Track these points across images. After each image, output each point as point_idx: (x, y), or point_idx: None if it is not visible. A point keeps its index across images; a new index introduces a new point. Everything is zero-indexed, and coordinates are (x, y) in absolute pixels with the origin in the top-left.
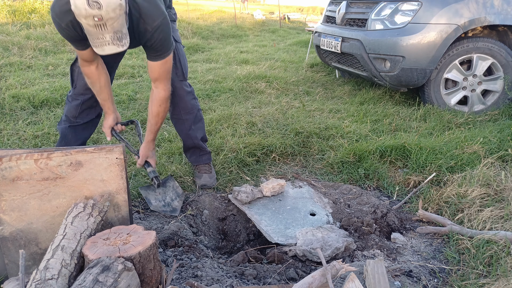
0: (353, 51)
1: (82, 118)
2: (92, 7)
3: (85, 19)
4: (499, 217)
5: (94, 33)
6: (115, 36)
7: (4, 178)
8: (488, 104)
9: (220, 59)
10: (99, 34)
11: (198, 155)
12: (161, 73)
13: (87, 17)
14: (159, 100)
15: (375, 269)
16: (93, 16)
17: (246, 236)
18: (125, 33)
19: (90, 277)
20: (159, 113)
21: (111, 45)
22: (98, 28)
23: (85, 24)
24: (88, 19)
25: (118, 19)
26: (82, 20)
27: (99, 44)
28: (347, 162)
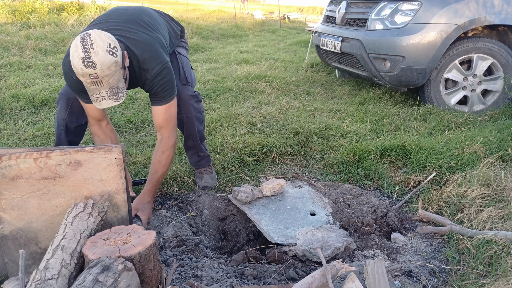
0: (353, 51)
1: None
2: (87, 67)
3: (83, 77)
4: (499, 217)
5: (91, 89)
6: (111, 91)
7: (4, 177)
8: (488, 104)
9: (220, 59)
10: (96, 90)
11: (198, 159)
12: (165, 119)
13: (84, 75)
14: (163, 147)
15: (375, 269)
16: (89, 75)
17: (246, 236)
18: (121, 88)
19: (90, 277)
20: (160, 160)
21: (108, 100)
22: (94, 85)
23: (83, 82)
24: (85, 77)
25: (114, 75)
26: (80, 78)
27: (97, 99)
28: (347, 162)
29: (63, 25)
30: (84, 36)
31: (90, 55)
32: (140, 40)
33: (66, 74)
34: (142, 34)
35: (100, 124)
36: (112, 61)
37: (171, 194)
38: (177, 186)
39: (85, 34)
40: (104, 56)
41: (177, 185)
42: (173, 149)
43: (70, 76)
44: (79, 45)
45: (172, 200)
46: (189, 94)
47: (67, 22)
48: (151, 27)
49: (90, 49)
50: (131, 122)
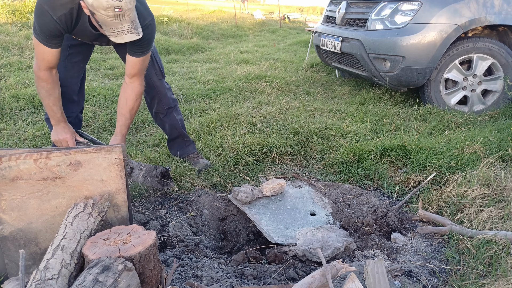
0: (353, 51)
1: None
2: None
3: (105, 10)
4: (499, 217)
5: (112, 23)
6: (132, 25)
7: (4, 178)
8: (488, 104)
9: (220, 59)
10: (118, 24)
11: (184, 146)
12: (140, 68)
13: (107, 8)
14: (136, 95)
15: (375, 269)
16: (114, 7)
17: (246, 236)
18: (138, 23)
19: (90, 277)
20: (134, 107)
21: (130, 33)
22: (117, 18)
23: (102, 15)
24: (108, 10)
25: (133, 10)
26: (100, 12)
27: (118, 33)
28: (347, 162)
29: None
30: None
31: None
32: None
33: (44, 12)
34: None
35: (51, 71)
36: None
37: (171, 194)
38: (177, 186)
39: None
40: None
41: (177, 185)
42: (142, 96)
43: (49, 15)
44: None
45: (172, 200)
46: (166, 87)
47: None
48: None
49: None
50: None
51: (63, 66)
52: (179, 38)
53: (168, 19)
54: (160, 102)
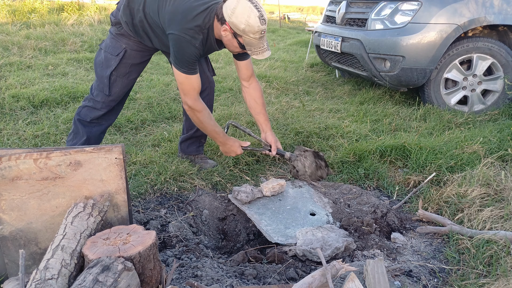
0: (353, 51)
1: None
2: (262, 24)
3: (253, 34)
4: (499, 217)
5: (257, 44)
6: (267, 43)
7: (4, 178)
8: (488, 104)
9: (220, 59)
10: (261, 44)
11: (196, 145)
12: (252, 68)
13: (257, 32)
14: (260, 92)
15: (375, 269)
16: (261, 31)
17: (246, 236)
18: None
19: (90, 277)
20: (263, 103)
21: (268, 50)
22: (261, 39)
23: (249, 38)
24: (256, 34)
25: None
26: (249, 35)
27: (261, 52)
28: (347, 162)
29: (63, 25)
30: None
31: (262, 13)
32: None
33: (188, 43)
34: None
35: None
36: None
37: (171, 194)
38: (177, 186)
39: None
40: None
41: (177, 185)
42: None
43: (193, 44)
44: (252, 6)
45: (172, 200)
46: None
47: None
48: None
49: (261, 8)
50: (131, 122)
51: (121, 83)
52: None
53: None
54: (207, 97)
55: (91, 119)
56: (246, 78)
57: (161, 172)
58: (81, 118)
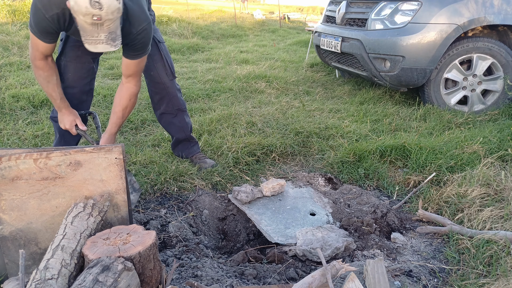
0: (353, 51)
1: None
2: (93, 7)
3: (83, 16)
4: (499, 217)
5: (89, 31)
6: (109, 36)
7: (4, 178)
8: (488, 104)
9: (220, 59)
10: (94, 32)
11: (189, 147)
12: (136, 70)
13: (86, 14)
14: (130, 94)
15: (375, 269)
16: (92, 15)
17: (246, 236)
18: (118, 35)
19: (90, 277)
20: (127, 106)
21: (105, 44)
22: (94, 26)
23: (81, 21)
24: (86, 17)
25: (115, 21)
26: (79, 17)
27: (93, 42)
28: (347, 162)
29: None
30: None
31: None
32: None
33: (38, 10)
34: None
35: (46, 59)
36: (117, 7)
37: (171, 194)
38: (177, 186)
39: None
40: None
41: (177, 185)
42: (137, 96)
43: (42, 13)
44: None
45: (172, 200)
46: (176, 88)
47: None
48: None
49: None
50: (131, 122)
51: (73, 67)
52: (179, 38)
53: (168, 19)
54: (169, 103)
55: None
56: (125, 75)
57: (161, 172)
58: (52, 115)
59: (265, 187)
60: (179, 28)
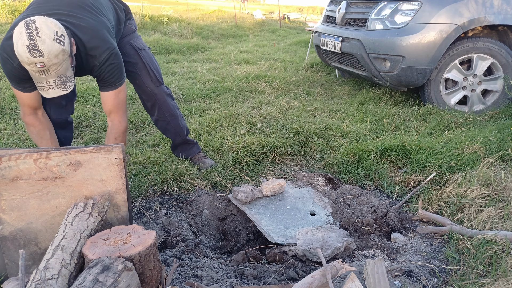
0: (353, 51)
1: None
2: (33, 55)
3: (29, 65)
4: (499, 217)
5: (38, 78)
6: (59, 80)
7: (4, 178)
8: (488, 104)
9: (220, 59)
10: (43, 79)
11: (188, 149)
12: (115, 104)
13: (30, 64)
14: (114, 134)
15: (375, 269)
16: (35, 63)
17: (246, 236)
18: (69, 76)
19: (90, 277)
20: None
21: (55, 88)
22: (41, 73)
23: (29, 70)
24: (31, 65)
25: (62, 64)
26: (26, 66)
27: (44, 88)
28: (347, 162)
29: None
30: (28, 23)
31: (36, 43)
32: (86, 26)
33: (5, 60)
34: (87, 19)
35: (36, 114)
36: (60, 49)
37: (171, 194)
38: (177, 186)
39: (30, 21)
40: (51, 44)
41: (177, 185)
42: (125, 134)
43: (10, 63)
44: (24, 32)
45: (172, 200)
46: (165, 93)
47: None
48: (95, 11)
49: (36, 37)
50: (131, 122)
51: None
52: (179, 38)
53: (168, 19)
54: (160, 109)
55: None
56: (107, 113)
57: (161, 172)
58: None
59: (265, 187)
60: (179, 28)
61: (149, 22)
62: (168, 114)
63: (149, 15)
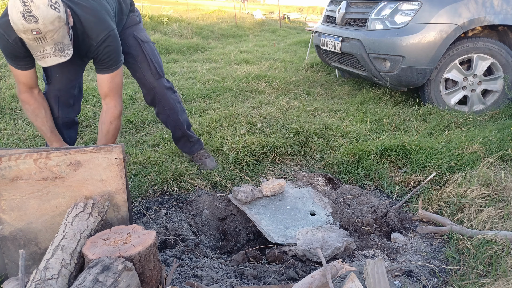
0: (353, 51)
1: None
2: (28, 21)
3: (24, 33)
4: (499, 217)
5: (35, 47)
6: (56, 47)
7: (4, 178)
8: (488, 104)
9: (220, 59)
10: (40, 47)
11: (190, 146)
12: (111, 88)
13: (25, 31)
14: (110, 117)
15: (375, 269)
16: (31, 30)
17: (246, 236)
18: (67, 44)
19: (90, 277)
20: (109, 131)
21: (53, 56)
22: (38, 41)
23: (25, 39)
24: (27, 33)
25: (59, 31)
26: (22, 35)
27: (41, 57)
28: (347, 162)
29: None
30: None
31: (30, 9)
32: (85, 5)
33: (1, 36)
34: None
35: (32, 92)
36: (55, 15)
37: (171, 194)
38: (177, 186)
39: None
40: (46, 10)
41: (177, 185)
42: (119, 119)
43: (6, 38)
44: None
45: (172, 200)
46: (165, 86)
47: None
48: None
49: (30, 2)
50: (131, 122)
51: (59, 69)
52: (179, 38)
53: (168, 19)
54: (160, 103)
55: None
56: (102, 96)
57: (161, 172)
58: None
59: (265, 187)
60: (179, 28)
61: (149, 22)
62: (168, 108)
63: (149, 15)
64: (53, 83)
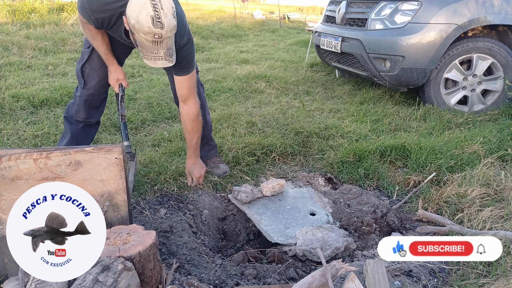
0: (353, 51)
1: (90, 118)
2: (155, 26)
3: (144, 34)
4: (499, 217)
5: (149, 48)
6: (167, 52)
7: (4, 178)
8: (488, 104)
9: (220, 58)
10: (154, 49)
11: (208, 148)
12: (189, 87)
13: (147, 33)
14: (191, 116)
15: (375, 268)
16: (154, 34)
17: (246, 236)
18: (174, 50)
19: (90, 276)
20: (193, 128)
21: (164, 60)
22: (155, 44)
23: (141, 38)
24: (148, 35)
25: (172, 38)
26: (140, 34)
27: (152, 58)
28: (347, 162)
29: (63, 25)
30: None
31: (160, 15)
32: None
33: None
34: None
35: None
36: (174, 24)
37: (171, 194)
38: (177, 186)
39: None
40: (171, 18)
41: (177, 185)
42: (200, 114)
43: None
44: (148, 3)
45: (172, 200)
46: (200, 82)
47: (67, 22)
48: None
49: (161, 9)
50: (131, 122)
51: (97, 74)
52: None
53: None
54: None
55: (74, 116)
56: (180, 97)
57: (161, 172)
58: (66, 115)
59: (265, 187)
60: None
61: None
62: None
63: None
64: (87, 88)
